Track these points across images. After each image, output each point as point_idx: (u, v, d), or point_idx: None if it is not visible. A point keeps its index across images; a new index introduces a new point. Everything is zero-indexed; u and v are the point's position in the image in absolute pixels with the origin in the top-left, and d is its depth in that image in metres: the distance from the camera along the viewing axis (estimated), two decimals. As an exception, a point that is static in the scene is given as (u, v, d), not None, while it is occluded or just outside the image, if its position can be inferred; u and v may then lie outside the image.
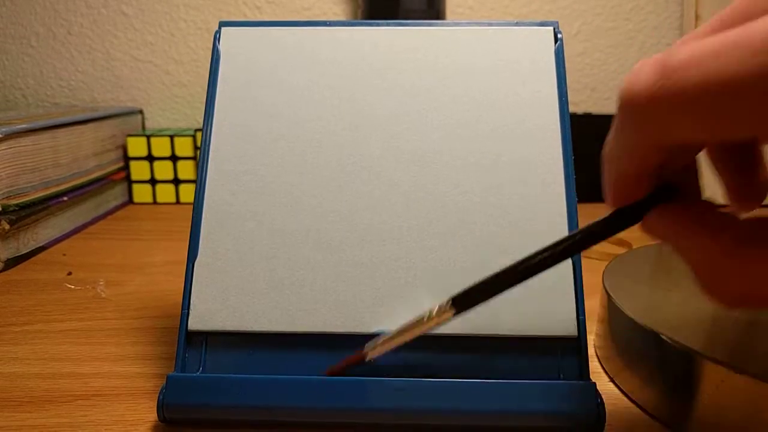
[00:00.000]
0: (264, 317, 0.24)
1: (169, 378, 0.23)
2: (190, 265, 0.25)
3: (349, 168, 0.26)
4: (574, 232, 0.19)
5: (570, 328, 0.23)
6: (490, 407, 0.22)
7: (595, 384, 0.22)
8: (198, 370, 0.24)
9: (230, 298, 0.24)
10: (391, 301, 0.24)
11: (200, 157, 0.26)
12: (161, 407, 0.22)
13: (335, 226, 0.25)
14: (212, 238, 0.25)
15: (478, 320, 0.23)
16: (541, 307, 0.24)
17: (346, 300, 0.24)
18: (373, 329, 0.24)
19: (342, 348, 0.24)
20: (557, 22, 0.27)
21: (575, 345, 0.23)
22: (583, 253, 0.24)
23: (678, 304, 0.26)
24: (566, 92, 0.26)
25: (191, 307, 0.24)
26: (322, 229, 0.25)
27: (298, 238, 0.25)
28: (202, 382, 0.23)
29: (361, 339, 0.23)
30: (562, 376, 0.23)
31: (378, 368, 0.23)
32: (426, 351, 0.24)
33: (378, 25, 0.28)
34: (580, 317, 0.23)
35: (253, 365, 0.24)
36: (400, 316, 0.24)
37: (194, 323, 0.24)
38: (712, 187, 0.20)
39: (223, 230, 0.25)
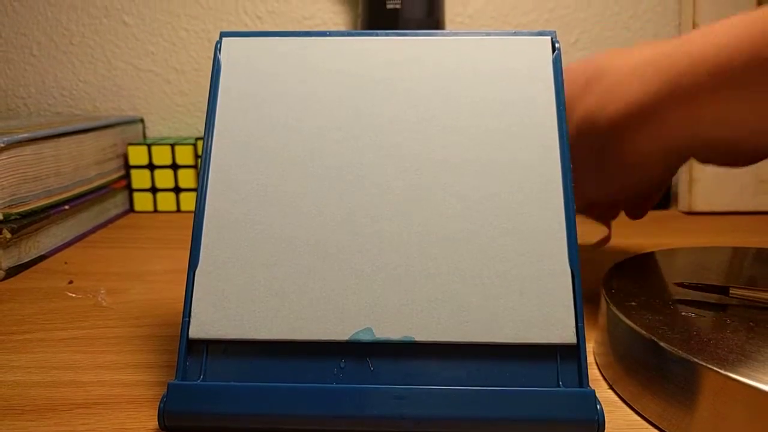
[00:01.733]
0: (265, 325, 0.24)
1: (170, 386, 0.23)
2: (191, 273, 0.25)
3: (349, 176, 0.26)
4: None
5: (569, 336, 0.23)
6: (489, 415, 0.22)
7: (594, 391, 0.22)
8: (199, 378, 0.24)
9: (231, 307, 0.24)
10: (391, 309, 0.24)
11: (201, 165, 0.26)
12: (162, 415, 0.22)
13: (335, 235, 0.25)
14: (213, 246, 0.25)
15: (477, 328, 0.24)
16: (540, 315, 0.24)
17: (346, 308, 0.24)
18: (374, 337, 0.24)
19: (343, 356, 0.24)
20: (555, 32, 0.27)
21: (574, 352, 0.23)
22: (582, 260, 0.24)
23: (676, 311, 0.26)
24: (564, 101, 0.26)
25: (192, 315, 0.24)
26: (322, 238, 0.25)
27: (299, 247, 0.25)
28: (203, 390, 0.23)
29: (363, 347, 0.24)
30: (561, 383, 0.23)
31: (378, 376, 0.23)
32: (425, 359, 0.24)
33: (377, 34, 0.28)
34: (579, 324, 0.23)
35: (254, 373, 0.24)
36: (400, 323, 0.24)
37: (195, 331, 0.24)
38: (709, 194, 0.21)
39: (224, 238, 0.25)
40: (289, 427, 0.23)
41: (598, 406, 0.22)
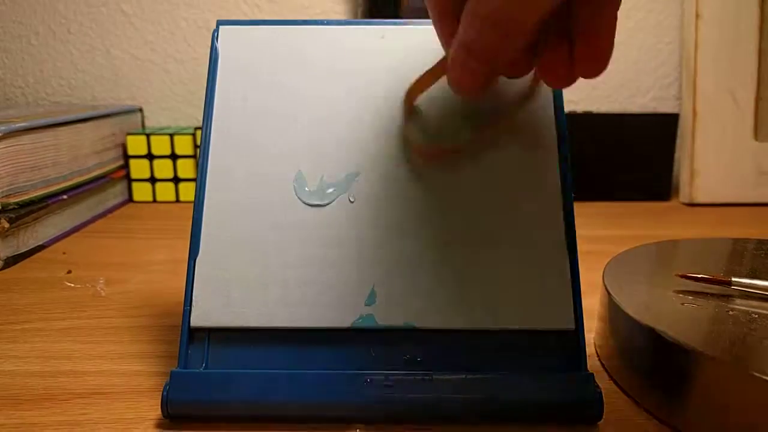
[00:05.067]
0: (267, 313, 0.24)
1: (173, 374, 0.23)
2: (192, 262, 0.25)
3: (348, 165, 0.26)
4: None
5: (568, 321, 0.24)
6: (492, 398, 0.22)
7: (593, 374, 0.23)
8: (201, 367, 0.24)
9: (232, 295, 0.24)
10: (392, 296, 0.24)
11: (200, 155, 0.26)
12: (165, 403, 0.22)
13: (336, 223, 0.25)
14: (213, 235, 0.25)
15: (478, 314, 0.24)
16: (539, 301, 0.24)
17: (348, 295, 0.24)
18: (375, 324, 0.24)
19: (345, 343, 0.24)
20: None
21: (573, 337, 0.24)
22: (583, 251, 0.24)
23: (677, 302, 0.26)
24: (561, 91, 0.26)
25: (193, 303, 0.24)
26: (323, 226, 0.25)
27: (299, 234, 0.25)
28: (206, 378, 0.23)
29: (364, 333, 0.24)
30: (560, 367, 0.23)
31: (380, 362, 0.23)
32: (426, 345, 0.24)
33: (377, 24, 0.28)
34: (578, 310, 0.24)
35: (256, 361, 0.24)
36: (402, 310, 0.24)
37: (197, 320, 0.24)
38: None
39: (224, 227, 0.25)
40: (292, 414, 0.23)
41: (597, 389, 0.22)
